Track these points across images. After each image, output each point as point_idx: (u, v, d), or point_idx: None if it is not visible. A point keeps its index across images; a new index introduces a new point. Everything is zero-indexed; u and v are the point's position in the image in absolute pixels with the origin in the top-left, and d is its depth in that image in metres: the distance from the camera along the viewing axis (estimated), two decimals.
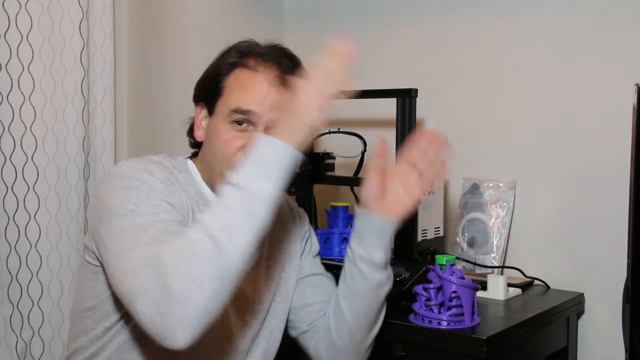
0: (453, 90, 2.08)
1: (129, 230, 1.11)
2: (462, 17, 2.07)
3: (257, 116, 1.28)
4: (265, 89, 1.29)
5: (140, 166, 1.24)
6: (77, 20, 1.97)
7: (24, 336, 1.92)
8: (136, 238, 1.08)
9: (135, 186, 1.18)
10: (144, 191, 1.18)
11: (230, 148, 1.28)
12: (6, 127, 1.87)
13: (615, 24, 1.83)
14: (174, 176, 1.30)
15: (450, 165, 1.86)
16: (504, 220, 1.94)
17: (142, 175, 1.21)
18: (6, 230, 1.88)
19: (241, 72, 1.32)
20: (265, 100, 1.28)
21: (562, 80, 1.91)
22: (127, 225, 1.12)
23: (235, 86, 1.31)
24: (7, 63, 1.86)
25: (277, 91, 1.29)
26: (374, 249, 1.31)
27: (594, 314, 1.86)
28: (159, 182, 1.22)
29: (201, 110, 1.38)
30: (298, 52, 1.27)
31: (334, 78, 1.15)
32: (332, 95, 1.12)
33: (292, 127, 1.09)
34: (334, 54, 1.17)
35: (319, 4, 2.35)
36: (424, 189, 1.31)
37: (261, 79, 1.30)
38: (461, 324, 1.48)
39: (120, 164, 1.26)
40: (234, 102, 1.29)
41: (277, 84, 1.30)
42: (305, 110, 1.10)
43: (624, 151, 1.35)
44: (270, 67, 1.32)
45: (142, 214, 1.13)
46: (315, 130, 1.11)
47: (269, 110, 1.28)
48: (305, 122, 1.09)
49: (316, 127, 1.11)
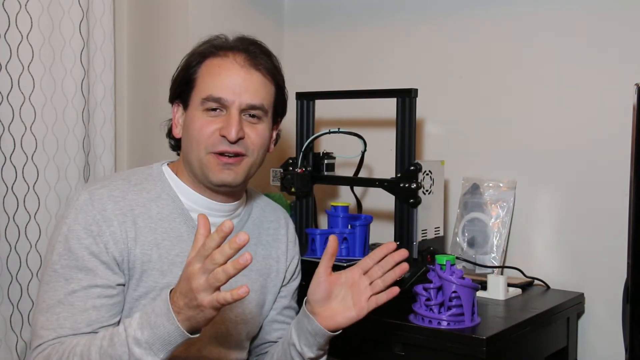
0: (453, 90, 2.08)
1: (44, 285, 1.27)
2: (462, 17, 2.07)
3: (229, 101, 1.31)
4: (235, 72, 1.32)
5: (83, 202, 1.29)
6: (77, 20, 1.97)
7: (24, 336, 1.92)
8: (38, 311, 1.26)
9: (66, 235, 1.27)
10: (68, 243, 1.27)
11: (205, 132, 1.32)
12: (6, 127, 1.87)
13: (616, 24, 1.83)
14: (141, 190, 1.34)
15: (451, 165, 1.87)
16: (504, 220, 1.94)
17: (78, 216, 1.28)
18: (6, 230, 1.88)
19: (211, 60, 1.35)
20: (237, 83, 1.32)
21: (562, 80, 1.91)
22: (45, 279, 1.27)
23: (206, 75, 1.34)
24: (7, 63, 1.86)
25: (247, 72, 1.32)
26: (307, 346, 1.35)
27: (594, 314, 1.86)
28: (84, 231, 1.27)
29: (177, 108, 1.41)
30: (298, 52, 1.28)
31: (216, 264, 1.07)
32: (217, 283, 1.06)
33: (188, 308, 1.09)
34: (220, 234, 1.07)
35: (319, 4, 2.35)
36: (370, 305, 1.29)
37: (231, 62, 1.33)
38: (461, 324, 1.48)
39: (77, 192, 1.37)
40: (206, 90, 1.33)
41: (247, 65, 1.33)
42: (195, 290, 1.07)
43: (624, 151, 1.35)
44: (238, 52, 1.35)
45: (57, 272, 1.26)
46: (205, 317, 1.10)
47: (240, 94, 1.31)
48: (196, 306, 1.08)
49: (207, 316, 1.10)
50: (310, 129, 1.90)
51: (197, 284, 1.06)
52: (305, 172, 1.85)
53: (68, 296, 1.24)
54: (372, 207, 2.12)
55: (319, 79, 2.32)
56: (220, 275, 1.05)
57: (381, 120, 2.18)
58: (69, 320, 1.23)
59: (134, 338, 1.11)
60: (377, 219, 1.98)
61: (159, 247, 1.32)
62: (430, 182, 1.72)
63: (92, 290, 1.25)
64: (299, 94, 1.90)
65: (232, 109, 1.31)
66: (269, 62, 1.37)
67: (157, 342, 1.10)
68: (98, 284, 1.26)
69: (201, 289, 1.06)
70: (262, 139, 1.37)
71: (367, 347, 1.61)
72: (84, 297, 1.25)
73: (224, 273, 1.04)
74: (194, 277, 1.06)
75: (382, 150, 2.01)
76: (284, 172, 1.86)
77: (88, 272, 1.26)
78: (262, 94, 1.34)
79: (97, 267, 1.26)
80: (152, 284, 1.31)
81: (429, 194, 1.72)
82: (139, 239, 1.30)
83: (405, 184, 1.68)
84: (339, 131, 1.87)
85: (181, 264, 1.33)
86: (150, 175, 1.38)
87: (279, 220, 1.55)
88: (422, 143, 2.12)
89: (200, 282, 1.06)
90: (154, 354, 1.11)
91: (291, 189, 1.85)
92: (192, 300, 1.07)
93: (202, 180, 1.35)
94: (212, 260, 1.05)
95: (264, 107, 1.35)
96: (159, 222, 1.33)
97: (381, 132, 2.13)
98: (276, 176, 1.96)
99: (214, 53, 1.35)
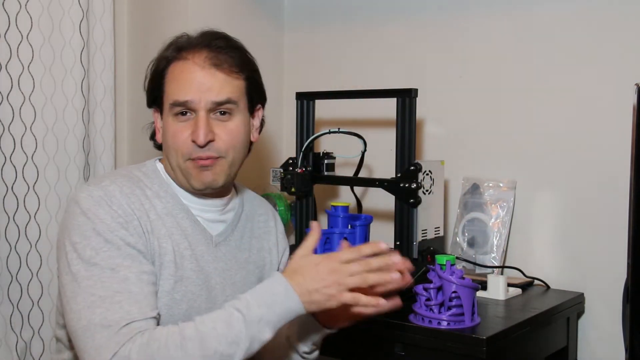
0: (453, 90, 2.08)
1: (85, 281, 1.19)
2: (462, 17, 2.07)
3: (195, 103, 1.31)
4: (197, 74, 1.32)
5: (99, 197, 1.26)
6: (77, 20, 1.97)
7: (24, 336, 1.92)
8: (93, 306, 1.17)
9: (95, 228, 1.23)
10: (101, 236, 1.22)
11: (178, 140, 1.32)
12: (6, 127, 1.87)
13: (615, 24, 1.83)
14: (143, 187, 1.33)
15: (451, 165, 1.87)
16: (504, 220, 1.94)
17: (99, 211, 1.25)
18: (6, 230, 1.88)
19: (175, 65, 1.35)
20: (200, 84, 1.31)
21: (562, 80, 1.91)
22: (84, 275, 1.19)
23: (172, 80, 1.34)
24: (7, 63, 1.86)
25: (209, 72, 1.32)
26: (301, 341, 1.39)
27: (594, 314, 1.86)
28: (114, 222, 1.25)
29: (156, 114, 1.42)
30: (298, 52, 1.27)
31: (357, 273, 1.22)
32: (351, 285, 1.20)
33: (313, 289, 1.20)
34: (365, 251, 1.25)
35: (319, 4, 2.35)
36: (364, 313, 1.27)
37: (190, 65, 1.32)
38: (461, 324, 1.48)
39: (83, 190, 1.29)
40: (171, 96, 1.33)
41: (208, 65, 1.32)
42: (324, 282, 1.20)
43: (624, 151, 1.35)
44: (199, 51, 1.33)
45: (99, 265, 1.20)
46: (329, 303, 1.21)
47: (204, 94, 1.31)
48: (325, 292, 1.20)
49: (332, 303, 1.21)
50: (310, 129, 1.90)
51: (349, 280, 1.19)
52: (305, 172, 1.85)
53: (122, 284, 1.20)
54: (372, 207, 2.12)
55: (319, 79, 2.32)
56: (371, 280, 1.20)
57: (381, 120, 2.18)
58: (135, 307, 1.18)
59: (251, 316, 1.17)
60: (377, 219, 1.98)
61: (172, 240, 1.32)
62: (430, 182, 1.72)
63: (142, 276, 1.23)
64: (299, 94, 1.90)
65: (199, 112, 1.31)
66: (233, 56, 1.35)
67: (275, 317, 1.18)
68: (145, 270, 1.24)
69: (352, 284, 1.19)
70: (235, 136, 1.35)
71: (367, 347, 1.61)
72: (139, 283, 1.21)
73: (375, 279, 1.21)
74: (350, 273, 1.20)
75: (382, 150, 2.01)
76: (284, 172, 1.86)
77: (134, 259, 1.23)
78: (227, 89, 1.32)
79: (137, 255, 1.24)
80: (168, 277, 1.30)
81: (429, 194, 1.72)
82: (155, 232, 1.30)
83: (405, 184, 1.68)
84: (339, 131, 1.87)
85: (190, 257, 1.34)
86: (147, 174, 1.38)
87: (267, 212, 1.57)
88: (422, 143, 2.12)
89: (353, 280, 1.19)
90: (270, 329, 1.18)
91: (291, 189, 1.85)
92: (329, 288, 1.19)
93: (185, 185, 1.36)
94: (369, 265, 1.21)
95: (232, 100, 1.33)
96: (165, 217, 1.33)
97: (381, 132, 2.13)
98: (276, 176, 1.96)
99: (176, 57, 1.34)
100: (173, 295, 1.30)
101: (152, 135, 1.46)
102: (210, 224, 1.40)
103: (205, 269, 1.36)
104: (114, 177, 1.33)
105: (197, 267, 1.35)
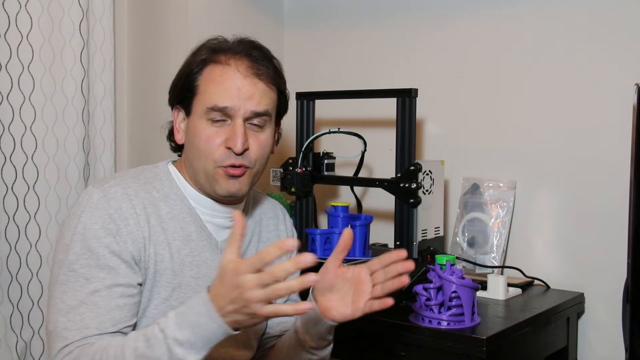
0: (453, 90, 2.08)
1: (61, 286, 1.24)
2: (462, 17, 2.07)
3: (234, 110, 1.30)
4: (238, 81, 1.30)
5: (97, 200, 1.27)
6: (77, 20, 1.97)
7: (24, 336, 1.92)
8: (60, 313, 1.22)
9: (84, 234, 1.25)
10: (86, 242, 1.24)
11: (212, 145, 1.31)
12: (6, 127, 1.87)
13: (615, 24, 1.83)
14: (151, 189, 1.33)
15: (451, 165, 1.87)
16: (504, 220, 1.94)
17: (93, 214, 1.26)
18: (6, 230, 1.88)
19: (213, 68, 1.33)
20: (240, 92, 1.30)
21: (562, 80, 1.91)
22: (62, 279, 1.24)
23: (209, 83, 1.32)
24: (7, 63, 1.86)
25: (251, 82, 1.31)
26: (307, 334, 1.33)
27: (594, 314, 1.86)
28: (102, 229, 1.25)
29: (178, 113, 1.39)
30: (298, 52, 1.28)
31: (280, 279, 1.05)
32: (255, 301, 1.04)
33: (237, 313, 1.07)
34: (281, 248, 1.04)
35: (319, 4, 2.35)
36: (365, 309, 1.26)
37: (233, 71, 1.31)
38: (461, 324, 1.48)
39: (87, 191, 1.30)
40: (210, 100, 1.31)
41: (250, 74, 1.31)
42: (249, 301, 1.05)
43: (624, 151, 1.35)
44: (240, 59, 1.32)
45: (77, 272, 1.23)
46: (252, 321, 1.09)
47: (245, 102, 1.30)
48: (249, 313, 1.06)
49: (257, 321, 1.09)
50: (310, 129, 1.90)
51: (251, 295, 1.04)
52: (305, 172, 1.85)
53: (91, 296, 1.22)
54: (372, 207, 2.12)
55: (319, 79, 2.32)
56: (282, 291, 1.03)
57: (381, 120, 2.18)
58: (94, 321, 1.21)
59: (174, 338, 1.09)
60: (377, 219, 1.98)
61: (170, 247, 1.31)
62: (430, 182, 1.72)
63: (115, 289, 1.23)
64: (299, 94, 1.90)
65: (236, 119, 1.30)
66: (271, 68, 1.35)
67: (199, 340, 1.09)
68: (120, 282, 1.24)
69: (256, 300, 1.04)
70: (264, 149, 1.35)
71: (367, 347, 1.61)
72: (108, 297, 1.22)
73: (287, 290, 1.03)
74: (247, 288, 1.04)
75: (382, 150, 2.01)
76: (284, 172, 1.86)
77: (110, 270, 1.23)
78: (265, 100, 1.33)
79: (118, 265, 1.24)
80: (164, 284, 1.30)
81: (429, 194, 1.72)
82: (152, 238, 1.30)
83: (405, 184, 1.68)
84: (339, 131, 1.87)
85: (190, 263, 1.33)
86: (158, 175, 1.37)
87: (277, 216, 1.55)
88: (422, 143, 2.12)
89: (256, 295, 1.03)
90: (196, 352, 1.10)
91: (291, 189, 1.85)
92: (244, 308, 1.05)
93: (207, 189, 1.35)
94: (273, 276, 1.03)
95: (268, 112, 1.34)
96: (168, 222, 1.32)
97: (381, 132, 2.13)
98: (276, 176, 1.96)
99: (214, 60, 1.33)
100: (170, 302, 1.30)
101: (169, 135, 1.44)
102: (219, 230, 1.39)
103: (208, 276, 1.35)
104: (122, 178, 1.33)
105: (198, 274, 1.34)
